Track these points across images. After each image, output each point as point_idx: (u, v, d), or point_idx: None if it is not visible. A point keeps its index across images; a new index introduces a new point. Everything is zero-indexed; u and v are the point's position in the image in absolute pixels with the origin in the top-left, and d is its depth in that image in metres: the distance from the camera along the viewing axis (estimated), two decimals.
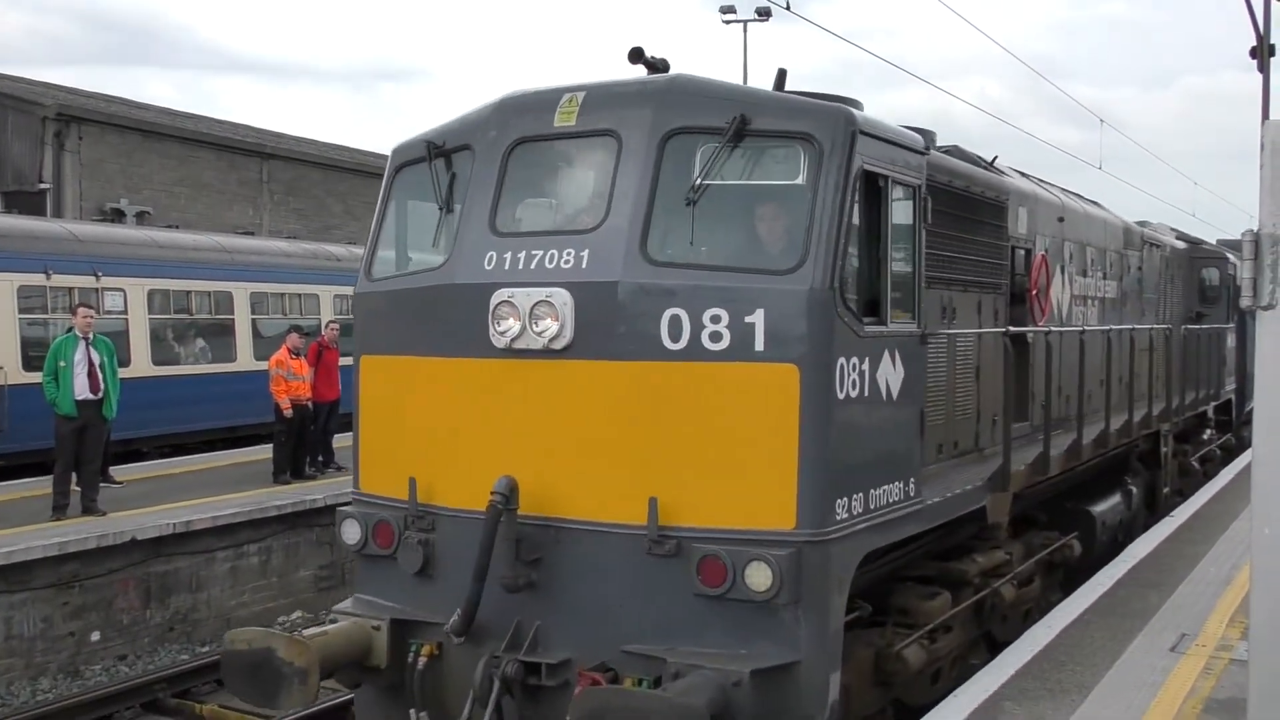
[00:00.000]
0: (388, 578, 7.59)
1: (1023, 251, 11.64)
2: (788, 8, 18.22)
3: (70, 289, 17.99)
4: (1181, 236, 21.01)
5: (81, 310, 14.24)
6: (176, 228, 24.27)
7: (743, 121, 6.82)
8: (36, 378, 14.43)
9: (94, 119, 30.38)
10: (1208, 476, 18.29)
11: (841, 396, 6.73)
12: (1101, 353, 12.70)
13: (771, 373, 6.57)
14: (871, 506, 7.11)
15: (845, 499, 6.80)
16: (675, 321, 6.69)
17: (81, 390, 13.48)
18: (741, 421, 6.62)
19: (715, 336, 6.64)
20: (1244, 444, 22.14)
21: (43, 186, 28.22)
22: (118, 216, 28.18)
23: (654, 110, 7.03)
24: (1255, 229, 4.41)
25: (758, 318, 6.58)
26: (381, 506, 7.66)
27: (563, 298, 6.86)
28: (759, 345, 6.59)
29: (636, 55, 7.43)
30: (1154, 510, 15.34)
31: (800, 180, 6.87)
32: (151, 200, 30.37)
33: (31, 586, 11.96)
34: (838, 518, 6.72)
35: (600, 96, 7.26)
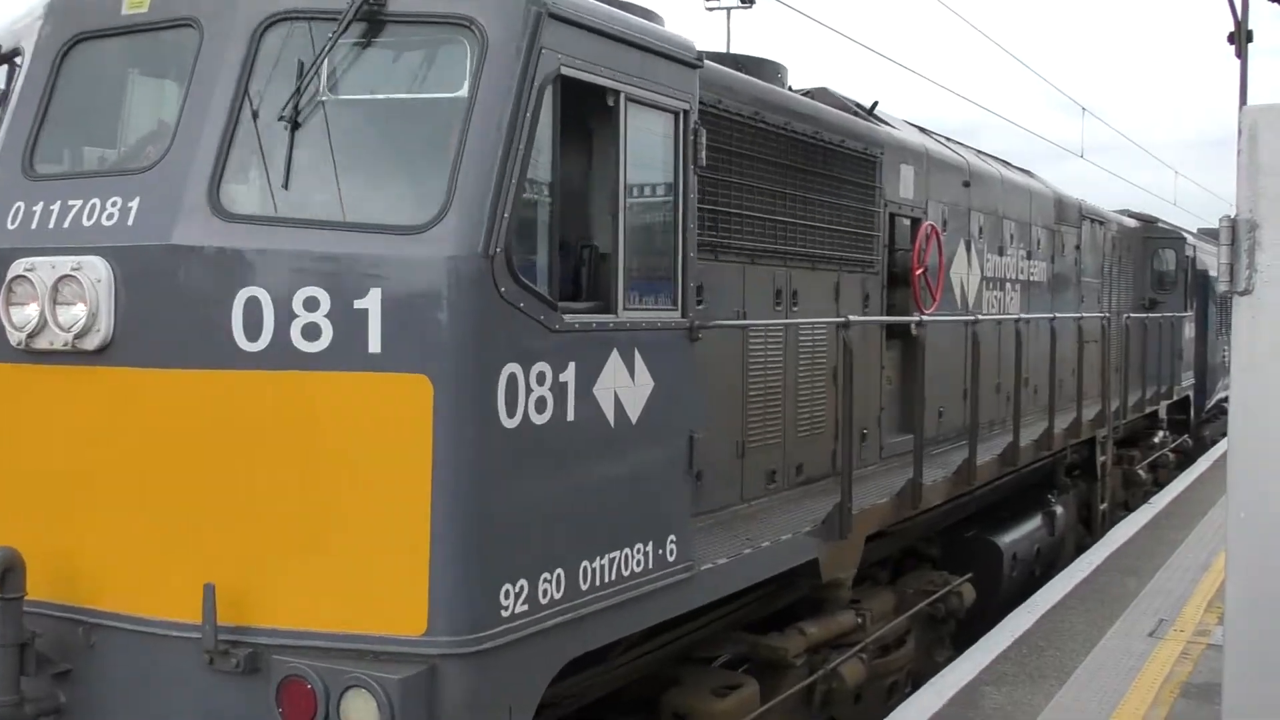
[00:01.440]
0: None
1: (907, 221, 9.30)
2: None
3: None
4: (1133, 215, 18.59)
5: None
6: None
7: (370, 1, 4.43)
8: None
9: None
10: (1160, 485, 15.95)
11: (512, 424, 4.34)
12: (1012, 347, 10.34)
13: (392, 387, 4.20)
14: (582, 587, 4.72)
15: (522, 582, 4.41)
16: (253, 307, 4.30)
17: None
18: (348, 463, 4.24)
19: (310, 331, 4.26)
20: (1204, 446, 19.81)
21: None
22: None
23: None
24: (1232, 214, 4.39)
25: (372, 302, 4.21)
26: None
27: (96, 271, 4.46)
28: (374, 345, 4.21)
29: None
30: (1090, 529, 13.00)
31: (463, 92, 4.48)
32: None
33: None
34: (505, 613, 4.33)
35: None
